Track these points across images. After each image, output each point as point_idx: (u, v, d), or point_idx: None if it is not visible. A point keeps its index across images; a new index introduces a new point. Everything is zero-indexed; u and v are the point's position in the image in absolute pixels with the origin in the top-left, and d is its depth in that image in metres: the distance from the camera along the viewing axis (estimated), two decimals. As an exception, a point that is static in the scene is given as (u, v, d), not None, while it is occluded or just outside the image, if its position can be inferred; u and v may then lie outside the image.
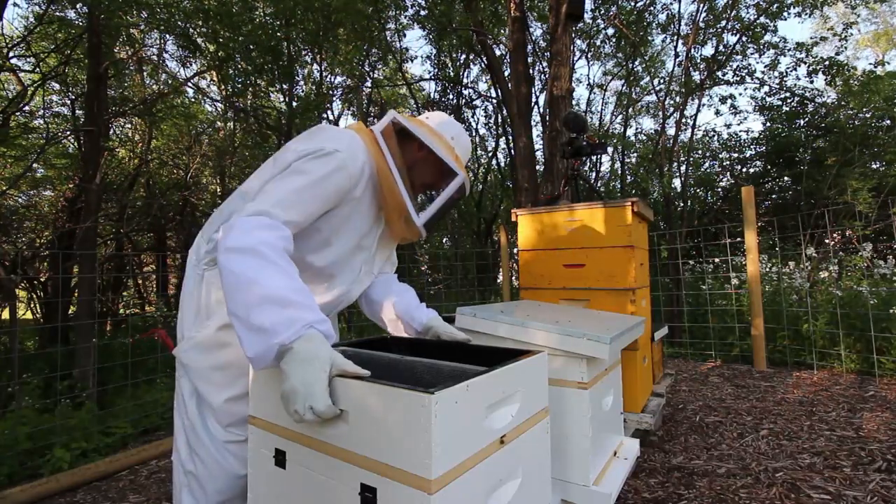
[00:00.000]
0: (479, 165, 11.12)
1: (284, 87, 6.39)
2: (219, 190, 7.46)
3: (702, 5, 7.32)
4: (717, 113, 11.63)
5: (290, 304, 0.78)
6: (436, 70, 9.46)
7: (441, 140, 1.19)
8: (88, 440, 2.59)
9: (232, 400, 1.07)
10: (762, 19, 7.10)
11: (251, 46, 5.26)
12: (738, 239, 4.34)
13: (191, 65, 6.12)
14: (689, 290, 5.08)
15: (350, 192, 1.07)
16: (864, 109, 6.61)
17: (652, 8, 8.07)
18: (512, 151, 8.41)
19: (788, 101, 7.93)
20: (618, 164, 10.64)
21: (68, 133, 5.51)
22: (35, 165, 5.72)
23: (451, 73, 9.66)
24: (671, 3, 9.51)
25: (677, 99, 8.09)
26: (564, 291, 2.18)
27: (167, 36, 5.90)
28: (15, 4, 6.57)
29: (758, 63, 8.80)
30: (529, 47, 7.52)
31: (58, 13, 4.71)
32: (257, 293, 0.78)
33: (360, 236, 1.17)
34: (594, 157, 8.69)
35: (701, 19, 7.46)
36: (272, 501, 0.88)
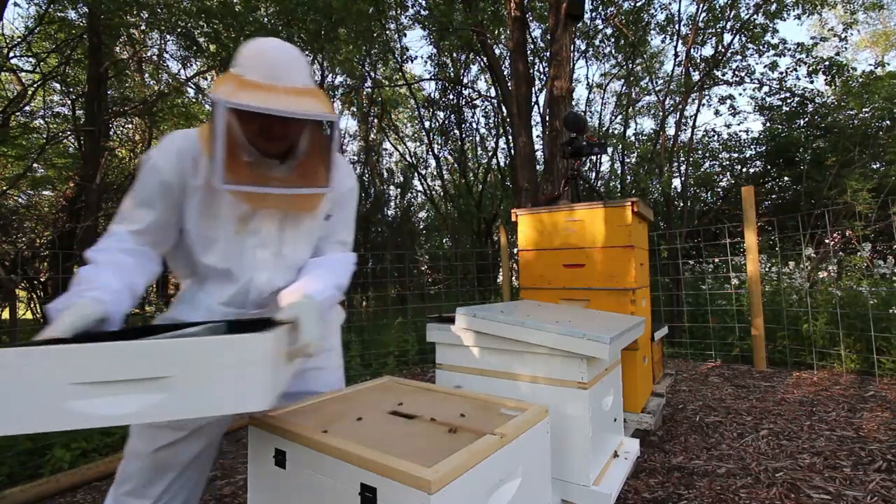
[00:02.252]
0: (479, 165, 11.11)
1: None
2: (219, 190, 7.44)
3: (701, 5, 7.33)
4: (717, 113, 11.64)
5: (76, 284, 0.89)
6: (436, 70, 9.46)
7: (227, 79, 0.96)
8: (88, 440, 2.59)
9: None
10: (761, 19, 7.10)
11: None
12: (738, 239, 4.34)
13: (191, 65, 6.12)
14: (689, 290, 5.08)
15: (176, 184, 1.03)
16: (864, 110, 6.60)
17: (650, 9, 8.08)
18: (512, 151, 8.41)
19: (788, 101, 7.93)
20: (618, 164, 10.64)
21: (68, 133, 5.51)
22: (35, 165, 5.71)
23: (451, 74, 9.66)
24: (670, 3, 9.51)
25: (677, 99, 8.08)
26: (564, 291, 2.18)
27: (168, 36, 5.90)
28: (15, 4, 6.57)
29: (757, 64, 8.82)
30: (529, 47, 7.53)
31: (58, 13, 4.71)
32: None
33: (237, 221, 1.08)
34: (594, 157, 8.70)
35: (700, 19, 7.46)
36: (272, 501, 0.88)
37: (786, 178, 8.66)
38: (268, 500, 0.89)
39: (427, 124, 10.05)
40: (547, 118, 6.81)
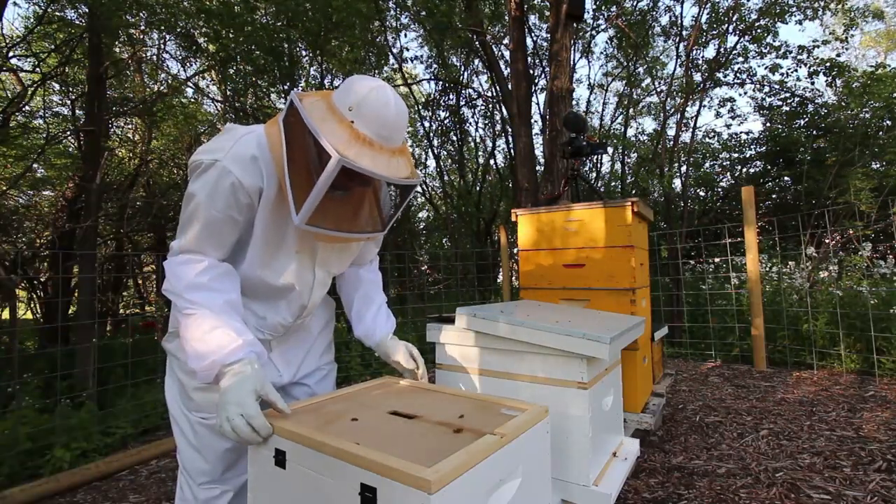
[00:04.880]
0: (478, 165, 11.12)
1: (285, 87, 6.39)
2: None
3: (704, 7, 7.33)
4: (718, 115, 11.61)
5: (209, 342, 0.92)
6: (436, 69, 9.46)
7: (329, 113, 0.91)
8: (88, 440, 2.59)
9: (200, 389, 1.08)
10: (763, 21, 7.10)
11: (252, 47, 5.26)
12: (739, 239, 4.34)
13: (191, 65, 6.12)
14: (689, 290, 5.08)
15: (253, 194, 0.97)
16: (865, 110, 6.60)
17: (654, 12, 8.09)
18: (512, 151, 8.41)
19: (789, 101, 7.93)
20: (618, 165, 10.64)
21: (68, 133, 5.51)
22: (35, 165, 5.70)
23: (447, 73, 9.65)
24: (674, 5, 9.48)
25: (678, 100, 8.08)
26: (564, 291, 2.18)
27: (167, 36, 5.89)
28: (15, 4, 6.57)
29: (759, 67, 8.81)
30: (530, 46, 7.53)
31: (58, 13, 4.70)
32: (191, 344, 0.94)
33: (299, 240, 1.07)
34: (594, 157, 8.70)
35: (703, 21, 7.47)
36: (272, 501, 0.88)
37: (786, 178, 8.67)
38: (268, 500, 0.89)
39: (426, 124, 10.05)
40: (547, 118, 6.81)
